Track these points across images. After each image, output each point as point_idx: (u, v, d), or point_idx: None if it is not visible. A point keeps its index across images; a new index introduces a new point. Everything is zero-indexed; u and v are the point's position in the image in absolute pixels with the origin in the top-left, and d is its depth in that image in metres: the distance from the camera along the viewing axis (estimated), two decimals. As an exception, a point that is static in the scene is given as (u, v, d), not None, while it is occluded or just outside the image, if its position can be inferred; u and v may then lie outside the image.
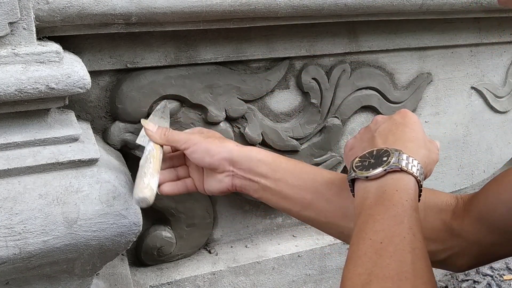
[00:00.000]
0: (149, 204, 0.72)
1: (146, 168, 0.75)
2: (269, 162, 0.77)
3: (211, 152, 0.77)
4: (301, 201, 0.75)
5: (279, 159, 0.78)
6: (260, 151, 0.79)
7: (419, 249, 0.50)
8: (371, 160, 0.60)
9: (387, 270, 0.48)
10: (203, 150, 0.77)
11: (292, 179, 0.76)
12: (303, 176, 0.76)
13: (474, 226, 0.66)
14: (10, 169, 0.67)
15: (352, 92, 1.08)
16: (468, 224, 0.67)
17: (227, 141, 0.80)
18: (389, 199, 0.55)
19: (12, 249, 0.65)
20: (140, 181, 0.73)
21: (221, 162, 0.77)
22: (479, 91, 1.25)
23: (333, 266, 1.19)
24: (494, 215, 0.64)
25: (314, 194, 0.74)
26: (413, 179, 0.58)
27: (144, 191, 0.72)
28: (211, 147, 0.77)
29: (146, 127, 0.80)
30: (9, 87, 0.63)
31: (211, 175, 0.79)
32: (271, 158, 0.78)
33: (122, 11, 0.74)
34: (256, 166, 0.76)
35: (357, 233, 0.54)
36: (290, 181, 0.75)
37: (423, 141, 0.64)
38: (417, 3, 0.96)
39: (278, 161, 0.78)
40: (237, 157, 0.77)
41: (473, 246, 0.67)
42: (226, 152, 0.77)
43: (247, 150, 0.78)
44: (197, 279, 1.06)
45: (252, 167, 0.76)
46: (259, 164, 0.77)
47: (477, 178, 1.35)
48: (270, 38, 0.95)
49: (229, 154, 0.77)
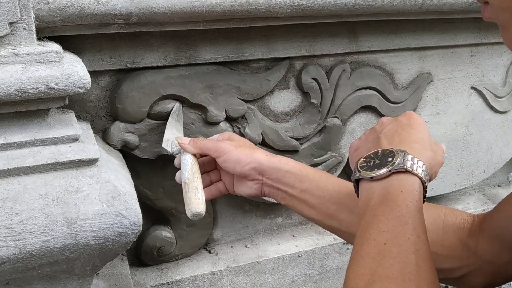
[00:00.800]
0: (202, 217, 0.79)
1: (196, 183, 0.80)
2: (296, 173, 0.79)
3: (242, 162, 0.79)
4: (325, 211, 0.77)
5: (306, 170, 0.81)
6: (288, 162, 0.81)
7: (423, 250, 0.50)
8: (376, 161, 0.60)
9: (391, 271, 0.48)
10: (234, 160, 0.80)
11: (317, 190, 0.78)
12: (328, 188, 0.78)
13: (488, 245, 0.67)
14: (10, 169, 0.67)
15: (352, 92, 1.08)
16: (483, 242, 0.67)
17: (257, 150, 0.82)
18: (394, 200, 0.55)
19: (12, 249, 0.65)
20: (194, 195, 0.78)
21: (251, 172, 0.80)
22: (479, 91, 1.25)
23: (333, 266, 1.19)
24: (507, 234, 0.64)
25: (337, 205, 0.76)
26: (418, 180, 0.58)
27: (201, 207, 0.78)
28: (242, 157, 0.80)
29: (180, 141, 0.84)
30: (9, 87, 0.63)
31: (241, 181, 0.83)
32: (298, 169, 0.80)
33: (122, 11, 0.74)
34: (283, 177, 0.79)
35: (361, 234, 0.54)
36: (316, 192, 0.78)
37: (428, 142, 0.64)
38: (417, 3, 0.96)
39: (305, 172, 0.80)
40: (266, 167, 0.79)
41: (488, 265, 0.67)
42: (255, 162, 0.79)
43: (276, 160, 0.81)
44: (197, 279, 1.06)
45: (280, 177, 0.79)
46: (286, 174, 0.79)
47: (477, 178, 1.35)
48: (270, 38, 0.95)
49: (258, 165, 0.79)
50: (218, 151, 0.81)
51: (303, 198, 0.78)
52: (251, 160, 0.80)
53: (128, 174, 0.81)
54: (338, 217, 0.76)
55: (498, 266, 0.66)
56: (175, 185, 0.95)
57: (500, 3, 0.53)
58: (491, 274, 0.67)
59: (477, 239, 0.68)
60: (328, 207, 0.77)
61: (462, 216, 0.72)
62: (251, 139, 1.00)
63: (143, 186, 0.96)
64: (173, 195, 0.98)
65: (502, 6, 0.53)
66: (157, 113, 0.91)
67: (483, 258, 0.67)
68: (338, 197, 0.76)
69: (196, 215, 0.77)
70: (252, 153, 0.81)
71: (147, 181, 0.95)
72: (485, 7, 0.55)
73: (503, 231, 0.65)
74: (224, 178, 0.86)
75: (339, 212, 0.76)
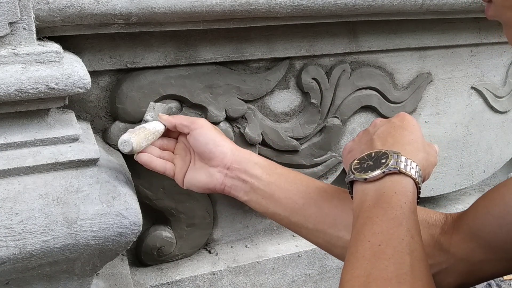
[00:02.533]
0: (130, 151, 0.74)
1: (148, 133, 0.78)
2: (265, 166, 0.78)
3: (216, 142, 0.78)
4: (292, 206, 0.75)
5: (274, 165, 0.80)
6: (257, 156, 0.81)
7: (417, 251, 0.50)
8: (370, 162, 0.60)
9: (386, 272, 0.48)
10: (210, 136, 0.78)
11: (285, 183, 0.77)
12: (296, 182, 0.77)
13: (463, 242, 0.66)
14: (10, 169, 0.67)
15: (352, 92, 1.08)
16: (457, 240, 0.67)
17: (230, 140, 0.82)
18: (388, 201, 0.55)
19: (12, 249, 0.65)
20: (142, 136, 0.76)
21: (220, 155, 0.78)
22: (479, 91, 1.25)
23: (333, 266, 1.19)
24: (484, 231, 0.63)
25: (305, 199, 0.75)
26: (412, 181, 0.58)
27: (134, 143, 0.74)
28: (218, 137, 0.79)
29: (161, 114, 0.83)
30: (9, 87, 0.63)
31: (202, 167, 0.80)
32: (267, 162, 0.80)
33: (122, 11, 0.74)
34: (251, 168, 0.78)
35: (356, 235, 0.54)
36: (283, 185, 0.76)
37: (421, 144, 0.64)
38: (417, 3, 0.96)
39: (273, 166, 0.79)
40: (236, 156, 0.78)
41: (461, 263, 0.66)
42: (228, 148, 0.79)
43: (245, 152, 0.80)
44: (197, 279, 1.06)
45: (248, 168, 0.78)
46: (255, 166, 0.78)
47: (477, 178, 1.35)
48: (270, 38, 0.95)
49: (230, 151, 0.78)
50: (195, 123, 0.79)
51: (269, 191, 0.76)
52: (225, 144, 0.79)
53: (128, 174, 0.81)
54: (305, 213, 0.74)
55: (472, 264, 0.65)
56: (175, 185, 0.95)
57: (503, 1, 0.54)
58: (464, 273, 0.66)
59: (450, 236, 0.67)
60: (295, 201, 0.75)
61: (433, 214, 0.72)
62: (251, 139, 1.00)
63: (143, 186, 0.96)
64: (173, 195, 0.98)
65: (505, 4, 0.54)
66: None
67: (457, 256, 0.66)
68: (306, 192, 0.75)
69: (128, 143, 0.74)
70: (226, 139, 0.80)
71: (147, 181, 0.95)
72: (489, 6, 0.56)
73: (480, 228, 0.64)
74: (177, 162, 0.82)
75: (307, 207, 0.74)
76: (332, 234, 0.73)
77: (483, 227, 0.64)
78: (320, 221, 0.73)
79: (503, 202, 0.62)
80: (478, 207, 0.66)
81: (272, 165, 0.79)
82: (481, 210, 0.65)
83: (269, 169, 0.78)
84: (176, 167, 0.82)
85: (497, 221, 0.62)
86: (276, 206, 0.76)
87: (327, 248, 0.75)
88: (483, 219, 0.64)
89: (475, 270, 0.66)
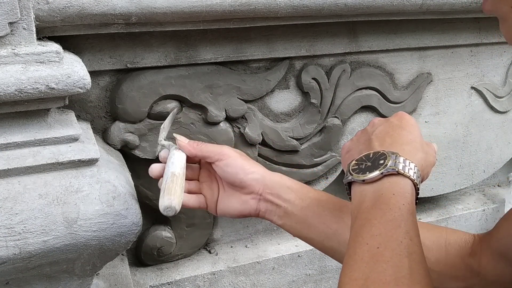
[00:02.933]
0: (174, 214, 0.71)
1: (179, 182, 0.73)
2: (297, 190, 0.76)
3: (246, 169, 0.75)
4: (325, 231, 0.74)
5: (307, 188, 0.77)
6: (289, 179, 0.78)
7: (416, 254, 0.50)
8: (368, 163, 0.60)
9: (384, 275, 0.48)
10: (239, 165, 0.75)
11: (318, 208, 0.74)
12: (329, 206, 0.75)
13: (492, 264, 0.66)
14: (10, 169, 0.67)
15: (352, 92, 1.08)
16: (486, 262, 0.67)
17: (258, 164, 0.78)
18: (386, 203, 0.55)
19: (12, 249, 0.65)
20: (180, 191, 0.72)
21: (252, 183, 0.75)
22: (479, 91, 1.25)
23: (333, 266, 1.19)
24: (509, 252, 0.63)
25: (338, 224, 0.73)
26: (410, 182, 0.57)
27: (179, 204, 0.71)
28: (246, 165, 0.75)
29: (179, 139, 0.77)
30: (9, 87, 0.63)
31: (234, 195, 0.77)
32: (299, 186, 0.77)
33: (122, 11, 0.74)
34: (285, 192, 0.75)
35: (354, 238, 0.54)
36: (317, 210, 0.74)
37: (420, 143, 0.64)
38: (417, 3, 0.96)
39: (305, 190, 0.77)
40: (269, 180, 0.75)
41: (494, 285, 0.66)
42: (259, 174, 0.76)
43: (276, 175, 0.77)
44: (197, 279, 1.06)
45: (281, 193, 0.75)
46: (288, 190, 0.76)
47: (477, 178, 1.35)
48: (270, 38, 0.95)
49: (261, 177, 0.75)
50: (221, 154, 0.75)
51: (302, 216, 0.74)
52: (255, 170, 0.75)
53: (128, 174, 0.81)
54: (339, 238, 0.73)
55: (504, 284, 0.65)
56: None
57: None
58: None
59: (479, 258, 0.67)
60: (328, 226, 0.73)
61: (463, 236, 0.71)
62: (251, 139, 1.00)
63: (143, 186, 0.96)
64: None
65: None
66: (157, 113, 0.91)
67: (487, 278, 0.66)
68: (339, 216, 0.73)
69: (171, 209, 0.70)
70: (255, 164, 0.77)
71: (147, 181, 0.95)
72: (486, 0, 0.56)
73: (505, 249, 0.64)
74: (205, 192, 0.79)
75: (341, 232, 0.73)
76: None
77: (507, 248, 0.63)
78: None
79: None
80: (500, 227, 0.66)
81: (304, 189, 0.77)
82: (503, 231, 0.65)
83: (301, 193, 0.76)
84: (207, 198, 0.79)
85: None
86: (310, 231, 0.75)
87: None
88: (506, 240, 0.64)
89: None
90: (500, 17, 0.55)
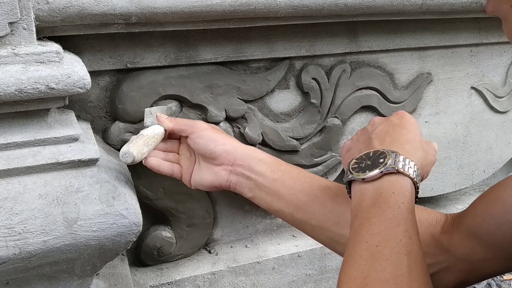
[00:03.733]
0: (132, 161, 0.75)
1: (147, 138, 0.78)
2: (269, 162, 0.79)
3: (217, 141, 0.79)
4: (296, 202, 0.76)
5: (278, 161, 0.80)
6: (261, 152, 0.81)
7: (415, 252, 0.50)
8: (368, 162, 0.60)
9: (383, 273, 0.48)
10: (209, 137, 0.79)
11: (289, 180, 0.77)
12: (300, 179, 0.77)
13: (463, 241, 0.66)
14: (10, 169, 0.67)
15: (352, 92, 1.08)
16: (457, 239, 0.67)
17: (231, 137, 0.82)
18: (386, 201, 0.55)
19: (12, 249, 0.65)
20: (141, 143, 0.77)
21: (223, 154, 0.78)
22: (479, 91, 1.25)
23: (333, 266, 1.19)
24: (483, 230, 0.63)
25: (309, 196, 0.75)
26: (410, 181, 0.58)
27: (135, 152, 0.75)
28: (217, 137, 0.79)
29: (159, 115, 0.84)
30: (9, 87, 0.63)
31: (206, 167, 0.80)
32: (271, 159, 0.80)
33: (122, 11, 0.74)
34: (256, 164, 0.78)
35: (353, 236, 0.54)
36: (287, 182, 0.77)
37: (420, 142, 0.64)
38: (417, 3, 0.96)
39: (277, 163, 0.79)
40: (240, 152, 0.79)
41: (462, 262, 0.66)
42: (230, 145, 0.79)
43: (249, 148, 0.80)
44: (197, 279, 1.06)
45: (252, 165, 0.78)
46: (259, 163, 0.78)
47: (477, 178, 1.35)
48: (270, 38, 0.95)
49: (232, 148, 0.79)
50: (194, 127, 0.80)
51: (273, 188, 0.76)
52: (226, 142, 0.79)
53: (128, 174, 0.81)
54: (309, 210, 0.75)
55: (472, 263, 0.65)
56: (175, 185, 0.96)
57: None
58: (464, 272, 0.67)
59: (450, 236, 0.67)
60: (299, 198, 0.75)
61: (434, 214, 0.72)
62: (251, 139, 1.00)
63: (143, 186, 0.96)
64: (173, 195, 0.98)
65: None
66: (157, 113, 0.91)
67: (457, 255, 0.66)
68: (310, 189, 0.75)
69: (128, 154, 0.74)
70: (227, 137, 0.81)
71: (147, 181, 0.95)
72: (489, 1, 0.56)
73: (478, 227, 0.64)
74: (183, 163, 0.84)
75: (311, 204, 0.74)
76: (335, 232, 0.73)
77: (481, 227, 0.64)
78: (323, 219, 0.74)
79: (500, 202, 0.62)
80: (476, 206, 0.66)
81: (276, 162, 0.79)
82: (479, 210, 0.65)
83: (273, 165, 0.78)
84: (183, 168, 0.83)
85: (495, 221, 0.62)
86: (280, 203, 0.77)
87: (330, 246, 0.76)
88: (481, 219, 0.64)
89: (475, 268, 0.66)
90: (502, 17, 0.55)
